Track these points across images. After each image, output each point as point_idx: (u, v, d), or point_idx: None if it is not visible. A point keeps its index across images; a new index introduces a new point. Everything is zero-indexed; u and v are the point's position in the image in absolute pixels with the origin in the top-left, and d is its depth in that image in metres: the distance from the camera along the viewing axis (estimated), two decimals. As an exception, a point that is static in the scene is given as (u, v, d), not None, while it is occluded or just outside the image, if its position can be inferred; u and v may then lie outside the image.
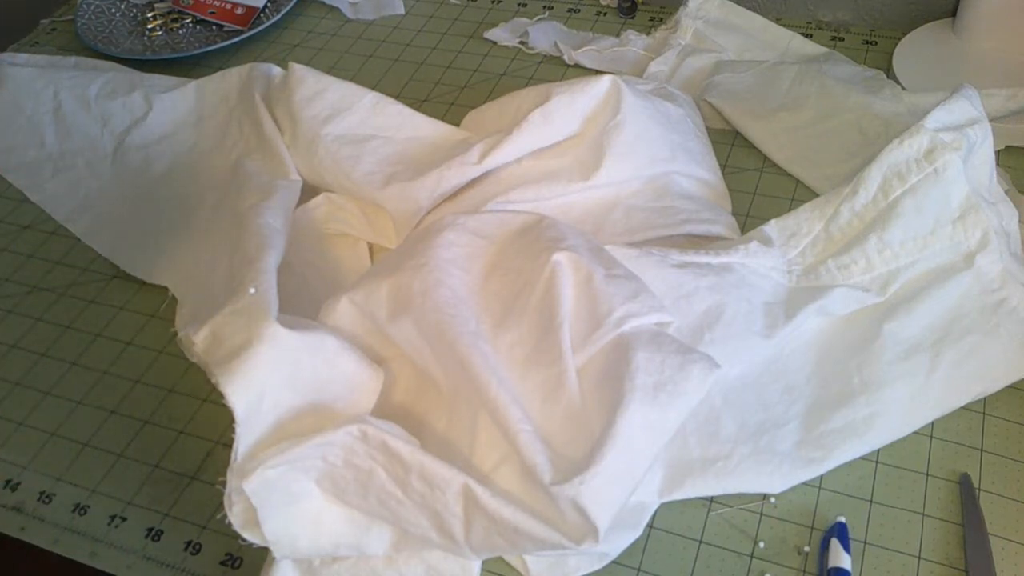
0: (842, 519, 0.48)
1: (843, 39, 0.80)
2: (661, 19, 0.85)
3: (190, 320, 0.52)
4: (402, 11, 0.92)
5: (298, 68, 0.68)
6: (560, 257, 0.51)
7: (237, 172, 0.65)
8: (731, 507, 0.51)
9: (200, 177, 0.72)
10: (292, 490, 0.46)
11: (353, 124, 0.66)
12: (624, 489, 0.44)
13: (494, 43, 0.86)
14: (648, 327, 0.49)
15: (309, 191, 0.66)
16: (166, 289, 0.66)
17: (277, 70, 0.73)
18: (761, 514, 0.50)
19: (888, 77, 0.73)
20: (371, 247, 0.66)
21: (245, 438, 0.46)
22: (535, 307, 0.51)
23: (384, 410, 0.53)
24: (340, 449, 0.45)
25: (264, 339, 0.46)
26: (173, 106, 0.78)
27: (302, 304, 0.59)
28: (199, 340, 0.49)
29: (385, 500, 0.46)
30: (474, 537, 0.44)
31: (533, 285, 0.51)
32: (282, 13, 0.91)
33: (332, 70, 0.84)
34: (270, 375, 0.47)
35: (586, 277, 0.50)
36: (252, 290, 0.49)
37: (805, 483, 0.51)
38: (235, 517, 0.45)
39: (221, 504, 0.46)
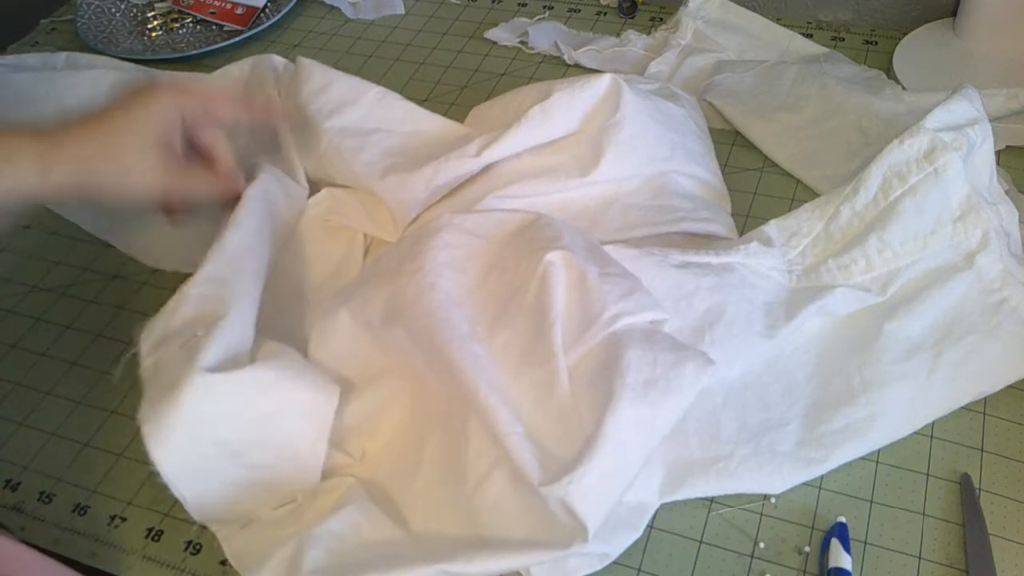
0: (842, 519, 0.48)
1: (843, 39, 0.80)
2: (661, 19, 0.85)
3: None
4: (402, 11, 0.91)
5: (305, 62, 0.68)
6: (553, 256, 0.51)
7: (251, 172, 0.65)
8: (731, 507, 0.51)
9: None
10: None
11: (357, 118, 0.66)
12: (616, 488, 0.44)
13: (494, 43, 0.85)
14: (642, 325, 0.49)
15: (312, 186, 0.67)
16: (166, 289, 0.65)
17: (280, 60, 0.73)
18: (761, 514, 0.50)
19: (888, 77, 0.73)
20: (369, 241, 0.66)
21: (181, 485, 0.46)
22: (529, 307, 0.51)
23: (383, 419, 0.53)
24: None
25: (186, 387, 0.46)
26: None
27: (301, 301, 0.59)
28: (145, 364, 0.49)
29: None
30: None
31: (527, 285, 0.51)
32: (282, 13, 0.91)
33: (332, 70, 0.85)
34: (197, 420, 0.46)
35: (579, 276, 0.50)
36: (200, 332, 0.49)
37: (805, 483, 0.51)
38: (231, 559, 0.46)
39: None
